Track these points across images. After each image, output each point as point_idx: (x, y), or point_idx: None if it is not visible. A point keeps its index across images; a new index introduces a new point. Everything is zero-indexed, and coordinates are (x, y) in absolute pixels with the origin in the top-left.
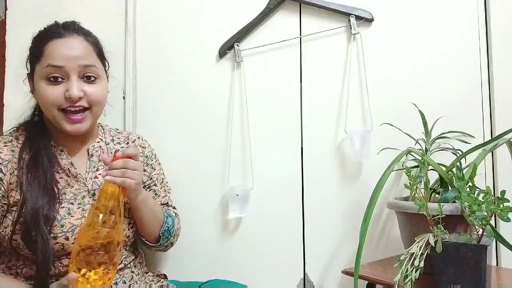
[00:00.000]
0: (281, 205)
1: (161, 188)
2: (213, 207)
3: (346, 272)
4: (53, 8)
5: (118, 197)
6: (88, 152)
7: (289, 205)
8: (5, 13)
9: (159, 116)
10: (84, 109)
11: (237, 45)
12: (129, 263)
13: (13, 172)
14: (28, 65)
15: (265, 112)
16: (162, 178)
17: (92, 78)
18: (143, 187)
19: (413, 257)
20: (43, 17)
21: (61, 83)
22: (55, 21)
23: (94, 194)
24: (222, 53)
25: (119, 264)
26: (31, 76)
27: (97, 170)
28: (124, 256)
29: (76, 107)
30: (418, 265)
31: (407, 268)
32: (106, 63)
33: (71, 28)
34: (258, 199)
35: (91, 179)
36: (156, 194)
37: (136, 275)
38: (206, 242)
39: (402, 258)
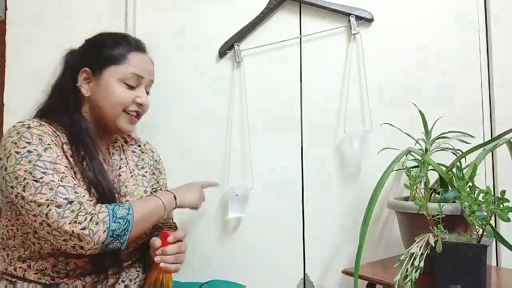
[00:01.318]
0: (281, 205)
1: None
2: (213, 207)
3: (346, 272)
4: (53, 8)
5: (167, 282)
6: (109, 152)
7: (289, 205)
8: (5, 13)
9: (159, 116)
10: (140, 116)
11: (237, 45)
12: (135, 261)
13: (63, 145)
14: (94, 61)
15: (265, 112)
16: (166, 183)
17: (149, 92)
18: (151, 191)
19: (413, 257)
20: (43, 17)
21: (133, 89)
22: (136, 38)
23: (119, 191)
24: (222, 53)
25: (128, 261)
26: (95, 72)
27: (119, 168)
28: (133, 254)
29: (137, 112)
30: (418, 265)
31: (407, 268)
32: None
33: (144, 46)
34: (258, 199)
35: (116, 176)
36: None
37: (142, 273)
38: (206, 242)
39: (402, 258)
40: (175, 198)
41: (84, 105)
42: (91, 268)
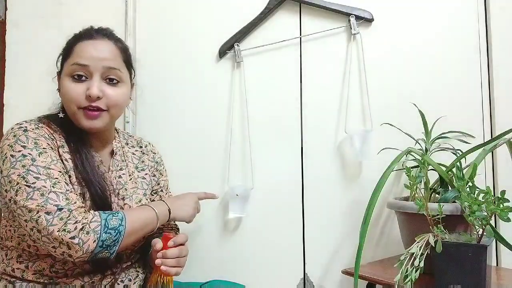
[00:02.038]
0: (281, 205)
1: (166, 194)
2: (213, 207)
3: (346, 272)
4: (53, 8)
5: (167, 284)
6: (113, 151)
7: (289, 205)
8: (5, 13)
9: (159, 116)
10: (101, 110)
11: (237, 45)
12: (135, 262)
13: (59, 148)
14: (59, 64)
15: (265, 112)
16: (167, 185)
17: (115, 81)
18: (151, 193)
19: (413, 257)
20: (43, 17)
21: (84, 81)
22: (91, 26)
23: (118, 193)
24: (222, 53)
25: (127, 262)
26: (59, 74)
27: (120, 169)
28: (132, 255)
29: (94, 107)
30: (418, 265)
31: (407, 268)
32: (132, 70)
33: (103, 32)
34: (258, 199)
35: (115, 178)
36: (161, 200)
37: (141, 273)
38: (206, 243)
39: (402, 258)
40: (169, 211)
41: None
42: (90, 268)
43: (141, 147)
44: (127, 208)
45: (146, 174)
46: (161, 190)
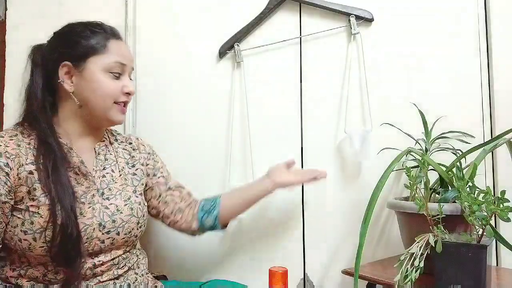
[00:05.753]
0: (281, 205)
1: (167, 174)
2: None
3: (346, 272)
4: (53, 8)
5: None
6: (95, 151)
7: (289, 205)
8: (5, 13)
9: (159, 116)
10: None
11: (237, 45)
12: (133, 264)
13: (20, 167)
14: (73, 53)
15: (265, 112)
16: (166, 169)
17: (132, 79)
18: (141, 191)
19: (413, 257)
20: (43, 17)
21: (118, 78)
22: (101, 23)
23: (103, 193)
24: (222, 53)
25: (124, 267)
26: (76, 65)
27: (104, 169)
28: (128, 258)
29: (126, 102)
30: (418, 265)
31: (407, 268)
32: None
33: (119, 33)
34: None
35: (99, 177)
36: (166, 180)
37: (140, 276)
38: (207, 242)
39: (402, 258)
40: None
41: (66, 103)
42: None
43: (130, 143)
44: (114, 208)
45: (137, 169)
46: (161, 172)
